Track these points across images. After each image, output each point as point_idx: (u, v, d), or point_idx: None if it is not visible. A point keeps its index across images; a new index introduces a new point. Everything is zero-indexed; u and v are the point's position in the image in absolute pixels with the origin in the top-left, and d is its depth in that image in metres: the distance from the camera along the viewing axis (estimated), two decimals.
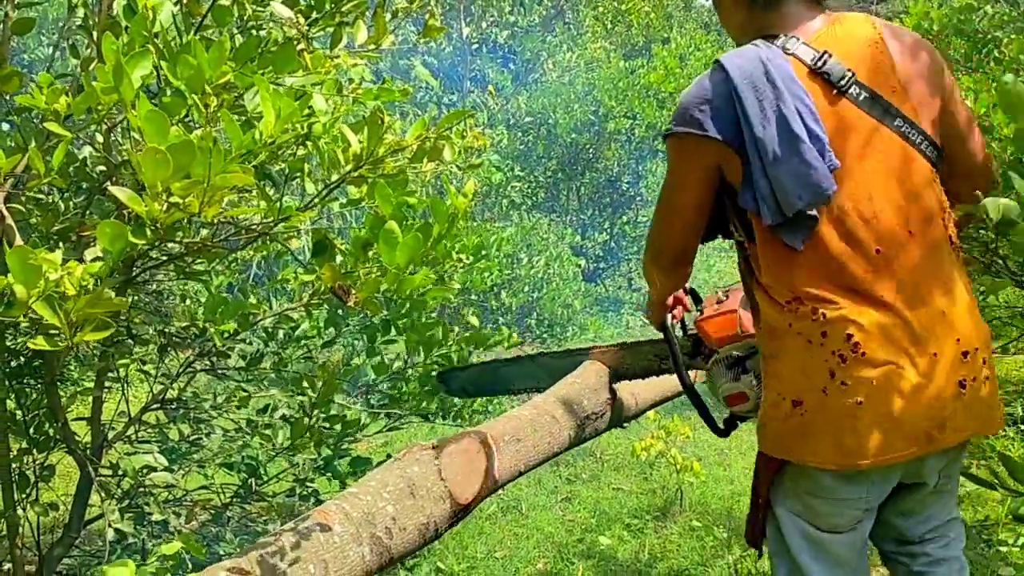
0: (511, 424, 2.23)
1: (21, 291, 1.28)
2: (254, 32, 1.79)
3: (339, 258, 1.74)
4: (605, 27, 12.20)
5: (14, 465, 2.37)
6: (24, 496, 2.46)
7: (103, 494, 2.27)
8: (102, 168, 2.02)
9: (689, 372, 2.14)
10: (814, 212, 1.54)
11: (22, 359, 2.44)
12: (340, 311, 2.67)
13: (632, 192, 11.46)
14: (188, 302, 3.03)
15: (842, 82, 1.57)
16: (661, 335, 2.14)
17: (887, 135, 1.59)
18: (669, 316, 2.12)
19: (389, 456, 2.25)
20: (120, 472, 2.46)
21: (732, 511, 4.20)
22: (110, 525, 2.09)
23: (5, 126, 2.19)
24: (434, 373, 2.81)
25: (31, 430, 2.50)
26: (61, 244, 2.01)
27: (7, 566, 2.42)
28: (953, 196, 1.67)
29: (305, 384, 2.51)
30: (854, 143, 1.57)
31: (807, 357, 1.58)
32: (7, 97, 1.86)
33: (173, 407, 2.72)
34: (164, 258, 2.39)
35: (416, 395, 2.72)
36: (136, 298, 2.62)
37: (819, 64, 1.57)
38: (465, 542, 3.83)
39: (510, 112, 10.72)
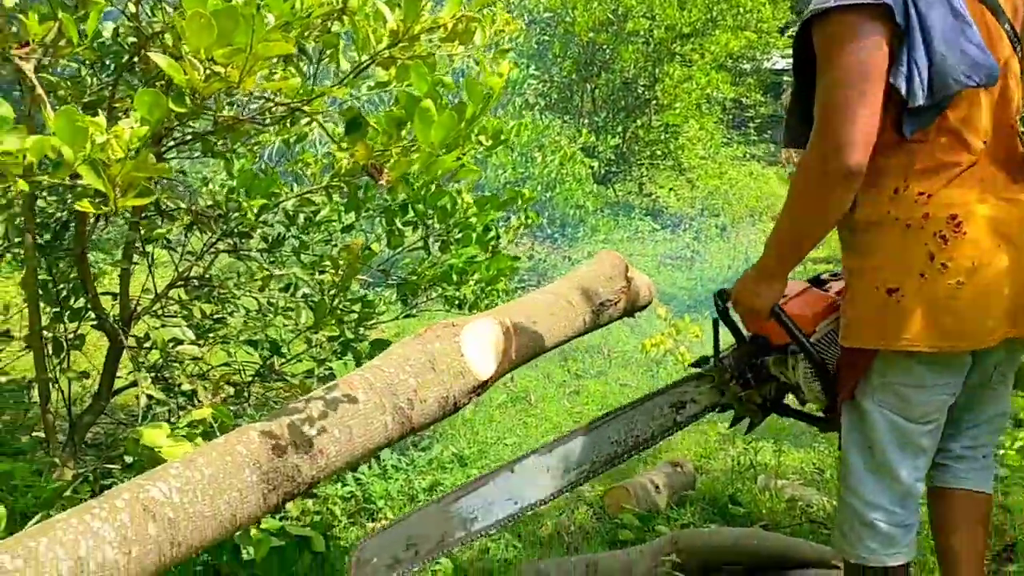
0: (528, 307, 2.28)
1: (68, 152, 1.30)
2: None
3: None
4: None
5: (46, 333, 2.44)
6: (57, 363, 2.54)
7: (134, 363, 2.35)
8: (133, 39, 2.02)
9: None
10: (945, 102, 1.60)
11: (54, 230, 2.48)
12: (359, 194, 2.69)
13: (648, 95, 11.29)
14: (210, 185, 3.05)
15: None
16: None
17: (1005, 39, 1.68)
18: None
19: None
20: (149, 344, 2.54)
21: None
22: (144, 392, 2.16)
23: None
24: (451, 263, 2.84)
25: (61, 301, 2.56)
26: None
27: (38, 433, 2.51)
28: None
29: (327, 262, 2.55)
30: (986, 41, 1.63)
31: (905, 243, 1.64)
32: None
33: (197, 285, 2.77)
34: (190, 136, 2.41)
35: (436, 277, 2.77)
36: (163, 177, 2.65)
37: None
38: (476, 428, 3.96)
39: (527, 7, 10.48)
